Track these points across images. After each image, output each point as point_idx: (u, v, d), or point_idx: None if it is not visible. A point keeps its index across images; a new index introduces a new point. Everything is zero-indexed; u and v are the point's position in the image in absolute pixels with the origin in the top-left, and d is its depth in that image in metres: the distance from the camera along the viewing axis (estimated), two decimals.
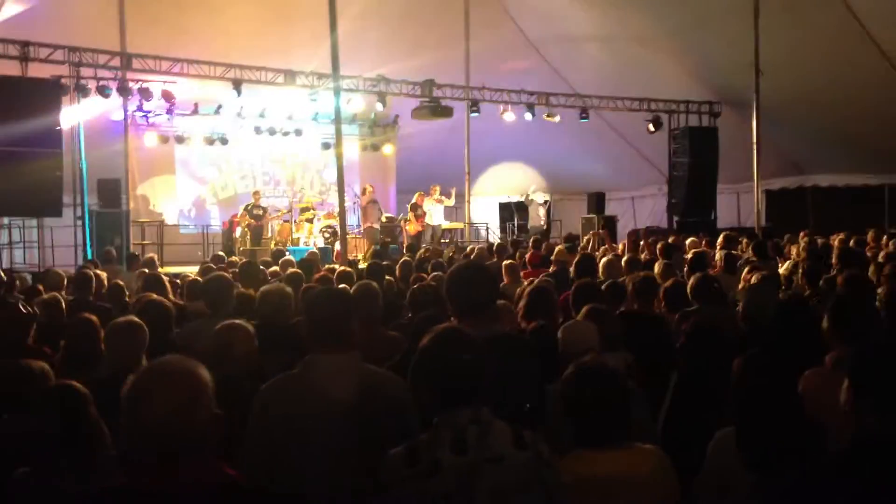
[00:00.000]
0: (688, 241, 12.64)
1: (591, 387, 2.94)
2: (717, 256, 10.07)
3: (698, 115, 20.66)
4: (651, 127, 20.63)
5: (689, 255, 9.24)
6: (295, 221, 20.17)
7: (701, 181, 20.30)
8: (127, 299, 8.29)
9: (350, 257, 14.08)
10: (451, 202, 20.80)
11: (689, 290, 5.94)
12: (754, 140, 17.18)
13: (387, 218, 21.07)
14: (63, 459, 3.11)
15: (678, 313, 5.68)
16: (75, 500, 2.14)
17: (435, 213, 20.47)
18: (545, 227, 21.47)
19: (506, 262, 9.75)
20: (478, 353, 2.74)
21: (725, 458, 3.13)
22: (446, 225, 21.22)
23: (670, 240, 12.92)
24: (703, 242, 12.64)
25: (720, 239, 11.96)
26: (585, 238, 16.70)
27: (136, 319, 4.54)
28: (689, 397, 4.02)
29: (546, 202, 22.24)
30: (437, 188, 20.36)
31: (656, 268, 8.13)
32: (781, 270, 9.79)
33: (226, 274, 6.63)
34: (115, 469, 3.10)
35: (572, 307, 5.57)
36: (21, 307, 5.70)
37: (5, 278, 9.30)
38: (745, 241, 12.44)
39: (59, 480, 3.03)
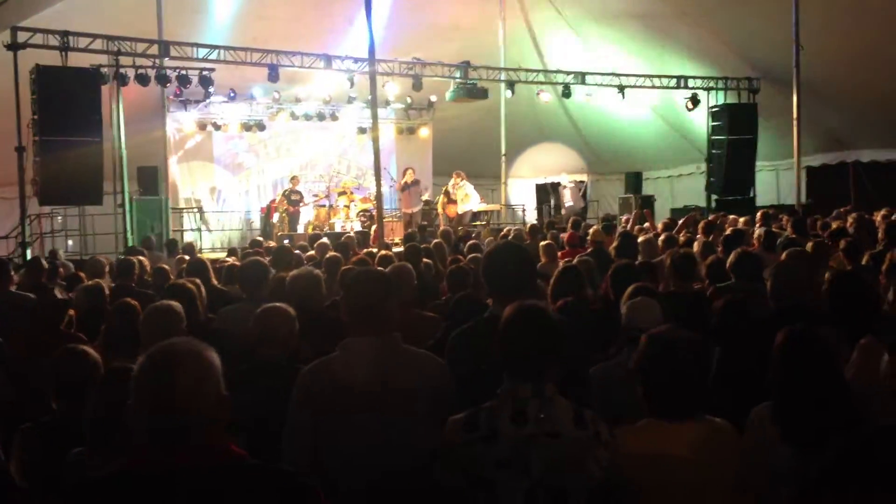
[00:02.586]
0: (728, 219, 12.51)
1: (672, 357, 2.89)
2: (756, 234, 9.97)
3: (737, 91, 20.36)
4: (689, 105, 20.40)
5: (728, 233, 9.17)
6: (332, 206, 20.27)
7: (740, 159, 20.01)
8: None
9: (387, 241, 14.14)
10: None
11: (728, 266, 5.90)
12: (794, 116, 16.91)
13: (424, 201, 21.02)
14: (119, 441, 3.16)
15: (712, 288, 5.65)
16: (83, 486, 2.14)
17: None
18: (580, 208, 21.30)
19: (543, 243, 9.75)
20: (555, 332, 2.78)
21: (763, 431, 3.12)
22: (481, 207, 21.09)
23: (710, 217, 12.80)
24: (742, 221, 12.50)
25: (758, 216, 11.82)
26: (626, 218, 16.62)
27: (172, 303, 4.55)
28: (728, 374, 4.00)
29: (575, 183, 22.04)
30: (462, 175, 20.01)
31: (695, 246, 8.08)
32: None
33: (261, 258, 6.67)
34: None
35: (611, 287, 5.56)
36: (57, 293, 5.80)
37: (47, 266, 9.48)
38: (785, 217, 12.29)
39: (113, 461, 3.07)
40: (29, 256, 13.41)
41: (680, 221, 12.36)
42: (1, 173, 16.00)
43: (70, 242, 18.17)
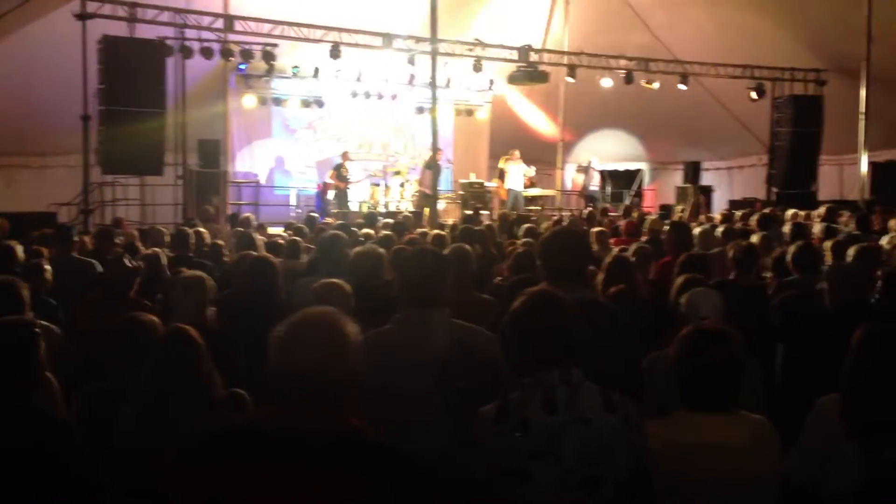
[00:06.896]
0: (787, 213, 12.29)
1: (710, 348, 2.90)
2: (817, 229, 9.78)
3: (803, 83, 19.90)
4: (753, 95, 20.01)
5: (789, 227, 9.01)
6: (386, 185, 20.33)
7: (803, 152, 19.60)
8: (225, 258, 8.56)
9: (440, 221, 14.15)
10: (531, 172, 20.51)
11: (790, 259, 5.79)
12: (862, 110, 16.50)
13: (477, 183, 20.98)
14: (181, 400, 3.24)
15: (777, 283, 5.55)
16: (197, 436, 2.21)
17: (513, 176, 20.20)
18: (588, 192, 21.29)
19: (595, 230, 9.72)
20: (569, 316, 2.74)
21: (827, 425, 3.06)
22: (533, 192, 20.98)
23: (766, 211, 12.60)
24: (805, 215, 12.27)
25: (821, 211, 11.59)
26: (680, 207, 16.44)
27: (202, 274, 4.71)
28: (795, 369, 3.94)
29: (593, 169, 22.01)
30: (516, 152, 20.15)
31: (754, 238, 7.95)
32: (884, 244, 9.46)
33: (340, 233, 6.74)
34: (230, 409, 3.28)
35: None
36: (126, 262, 5.95)
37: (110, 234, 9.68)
38: (847, 214, 12.04)
39: (175, 420, 3.15)
40: (90, 224, 13.70)
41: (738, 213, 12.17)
42: (66, 142, 16.33)
43: (130, 212, 18.47)
